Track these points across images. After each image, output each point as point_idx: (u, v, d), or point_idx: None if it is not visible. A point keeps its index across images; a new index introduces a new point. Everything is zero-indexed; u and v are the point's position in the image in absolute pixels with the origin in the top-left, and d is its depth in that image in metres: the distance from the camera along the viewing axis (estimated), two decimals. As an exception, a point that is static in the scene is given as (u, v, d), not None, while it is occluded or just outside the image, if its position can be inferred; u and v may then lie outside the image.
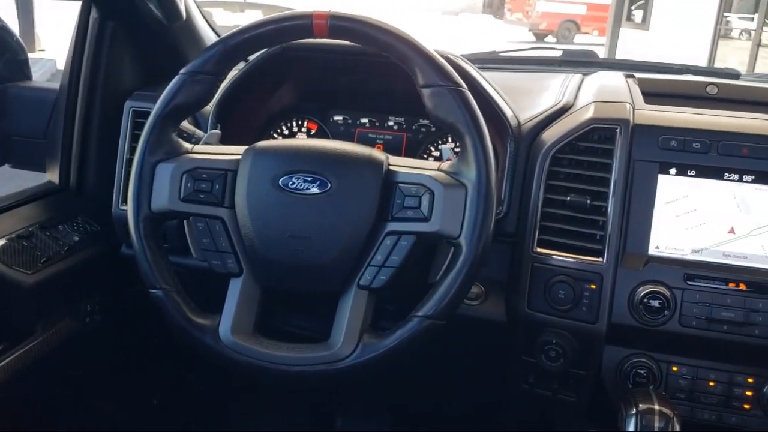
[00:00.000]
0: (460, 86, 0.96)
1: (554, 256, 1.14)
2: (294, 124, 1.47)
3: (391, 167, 0.98)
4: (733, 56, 10.59)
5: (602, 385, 1.17)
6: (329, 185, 0.96)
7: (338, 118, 1.46)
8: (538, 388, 1.23)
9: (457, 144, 0.97)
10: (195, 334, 0.98)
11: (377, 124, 1.45)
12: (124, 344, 1.52)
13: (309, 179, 0.97)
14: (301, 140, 1.21)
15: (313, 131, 1.47)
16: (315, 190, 0.96)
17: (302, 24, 0.98)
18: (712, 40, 11.38)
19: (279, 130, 1.47)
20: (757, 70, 8.98)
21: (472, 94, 0.97)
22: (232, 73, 1.27)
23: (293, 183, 0.97)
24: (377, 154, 0.99)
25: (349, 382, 0.99)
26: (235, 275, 1.00)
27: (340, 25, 0.97)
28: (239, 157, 1.01)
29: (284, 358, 0.96)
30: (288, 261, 0.98)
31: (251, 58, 1.32)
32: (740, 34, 11.51)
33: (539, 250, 1.16)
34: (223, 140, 1.14)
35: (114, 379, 1.51)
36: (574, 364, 1.16)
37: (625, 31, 13.79)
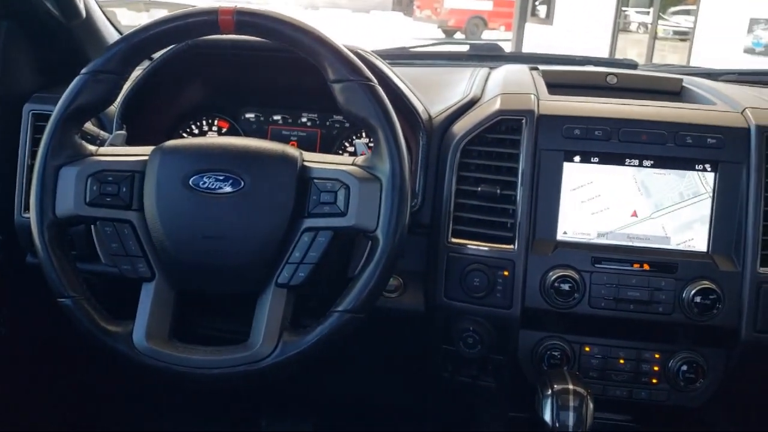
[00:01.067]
0: (371, 81, 0.96)
1: (468, 246, 1.17)
2: (204, 123, 1.44)
3: (305, 163, 0.98)
4: (632, 48, 11.07)
5: (519, 369, 1.20)
6: (242, 183, 0.95)
7: (250, 115, 1.44)
8: (458, 376, 1.26)
9: (371, 138, 0.97)
10: (108, 342, 0.95)
11: (290, 121, 1.44)
12: (35, 355, 1.45)
13: (221, 178, 0.95)
14: (212, 138, 1.19)
15: (224, 130, 1.44)
16: (228, 189, 0.95)
17: (208, 20, 0.96)
18: (612, 34, 11.86)
19: (188, 130, 1.44)
20: (654, 61, 9.44)
21: (383, 89, 0.97)
22: (137, 72, 1.24)
23: (204, 182, 0.95)
24: (291, 150, 0.99)
25: (271, 382, 0.98)
26: (147, 280, 0.97)
27: (246, 20, 0.96)
28: (146, 157, 0.98)
29: (203, 362, 0.94)
30: (202, 262, 0.96)
31: (156, 55, 1.28)
32: (638, 27, 12.02)
33: (454, 240, 1.18)
34: (130, 141, 1.11)
35: (26, 389, 1.44)
36: (492, 349, 1.19)
37: (531, 26, 14.19)
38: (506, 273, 1.15)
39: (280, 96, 1.42)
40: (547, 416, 1.01)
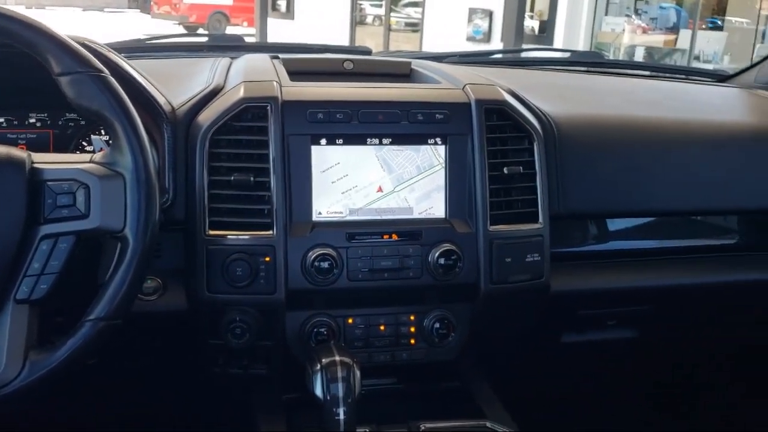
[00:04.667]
0: (102, 71, 0.91)
1: (228, 236, 1.16)
2: None
3: (35, 165, 0.90)
4: (370, 40, 11.67)
5: (289, 351, 1.23)
6: None
7: None
8: (229, 368, 1.25)
9: (109, 134, 0.92)
10: None
11: (16, 123, 1.31)
12: None
13: None
14: None
15: None
16: None
17: None
18: (351, 26, 12.37)
19: None
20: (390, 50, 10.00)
21: (117, 81, 0.93)
22: None
23: None
24: (17, 152, 0.90)
25: (22, 405, 0.89)
26: None
27: None
28: None
29: None
30: None
31: None
32: (374, 20, 12.66)
33: (212, 232, 1.16)
34: None
35: None
36: (261, 336, 1.20)
37: (273, 20, 14.28)
38: (268, 259, 1.16)
39: (2, 96, 1.28)
40: (318, 390, 1.04)
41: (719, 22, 9.73)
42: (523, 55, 2.40)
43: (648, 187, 1.40)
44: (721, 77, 1.92)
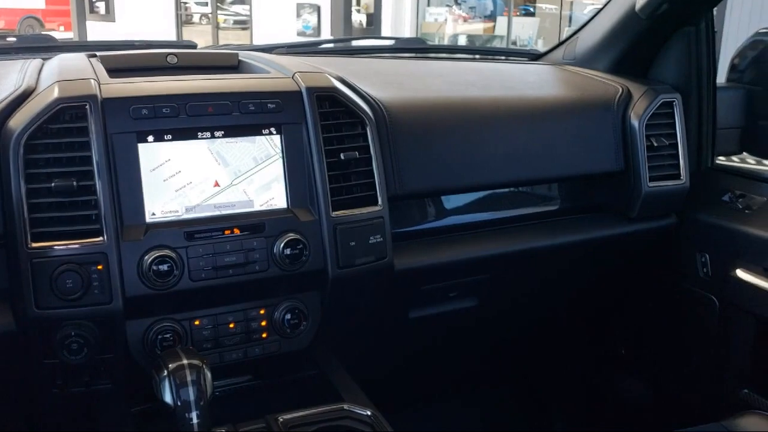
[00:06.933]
0: None
1: (54, 247, 1.08)
2: None
3: None
4: (199, 39, 11.32)
5: (134, 361, 1.17)
6: None
7: None
8: (70, 387, 1.17)
9: None
10: None
11: None
12: None
13: None
14: None
15: None
16: None
17: None
18: (177, 26, 11.96)
19: None
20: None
21: None
22: None
23: None
24: None
25: None
26: None
27: None
28: None
29: None
30: None
31: None
32: (200, 18, 12.31)
33: (35, 244, 1.08)
34: None
35: None
36: (101, 350, 1.14)
37: (93, 24, 13.51)
38: (100, 267, 1.10)
39: None
40: (168, 397, 1.00)
41: (531, 9, 10.44)
42: (351, 44, 2.44)
43: (474, 163, 1.47)
44: (534, 56, 2.05)
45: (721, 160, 1.83)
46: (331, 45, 2.05)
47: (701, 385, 1.82)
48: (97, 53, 1.38)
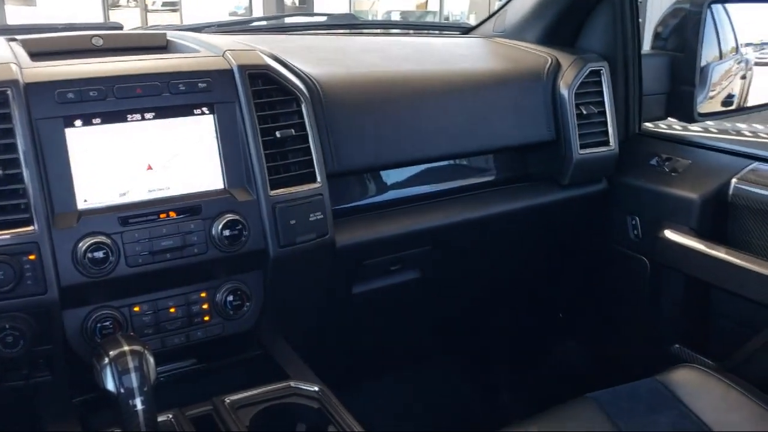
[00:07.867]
0: None
1: None
2: None
3: None
4: (128, 22, 11.01)
5: (73, 352, 1.15)
6: None
7: None
8: (7, 381, 1.14)
9: None
10: None
11: None
12: None
13: None
14: None
15: None
16: None
17: None
18: (103, 9, 11.57)
19: None
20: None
21: None
22: None
23: None
24: None
25: None
26: None
27: None
28: None
29: None
30: None
31: None
32: (128, 1, 11.95)
33: None
34: None
35: None
36: (37, 341, 1.11)
37: (12, 8, 12.98)
38: (32, 257, 1.07)
39: None
40: (110, 385, 0.98)
41: (464, -16, 10.50)
42: (283, 21, 2.41)
43: (410, 138, 1.48)
44: (465, 30, 2.07)
45: (648, 125, 1.90)
46: (262, 23, 2.02)
47: (636, 344, 1.89)
48: (17, 37, 1.34)
